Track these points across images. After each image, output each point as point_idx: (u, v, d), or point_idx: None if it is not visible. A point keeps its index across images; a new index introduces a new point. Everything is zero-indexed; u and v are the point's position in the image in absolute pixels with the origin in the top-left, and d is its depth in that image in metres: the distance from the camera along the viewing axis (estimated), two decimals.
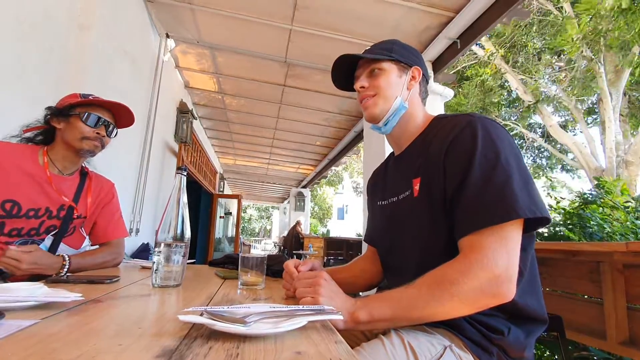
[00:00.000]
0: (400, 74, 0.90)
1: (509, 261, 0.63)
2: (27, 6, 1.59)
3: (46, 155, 1.17)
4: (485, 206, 0.66)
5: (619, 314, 1.48)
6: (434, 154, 0.78)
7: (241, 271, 0.91)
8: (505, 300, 0.63)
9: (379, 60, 0.90)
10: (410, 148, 0.92)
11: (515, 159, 0.70)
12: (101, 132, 1.21)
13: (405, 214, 0.85)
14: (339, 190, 23.15)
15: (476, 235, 0.66)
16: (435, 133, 0.83)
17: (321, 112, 4.82)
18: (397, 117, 0.90)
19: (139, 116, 2.92)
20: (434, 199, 0.75)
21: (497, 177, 0.67)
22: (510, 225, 0.65)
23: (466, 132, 0.74)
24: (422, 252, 0.79)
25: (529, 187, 0.67)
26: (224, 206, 8.18)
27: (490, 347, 0.70)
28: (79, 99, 1.18)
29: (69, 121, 1.17)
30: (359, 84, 0.92)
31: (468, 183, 0.69)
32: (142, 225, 3.06)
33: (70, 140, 1.17)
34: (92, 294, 0.70)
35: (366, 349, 0.69)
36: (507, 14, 2.44)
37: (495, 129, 0.73)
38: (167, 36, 3.20)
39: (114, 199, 1.39)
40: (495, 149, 0.70)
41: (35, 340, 0.41)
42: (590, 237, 2.27)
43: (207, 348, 0.42)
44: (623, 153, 6.97)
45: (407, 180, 0.86)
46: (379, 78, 0.89)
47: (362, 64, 0.93)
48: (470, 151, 0.71)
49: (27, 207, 1.09)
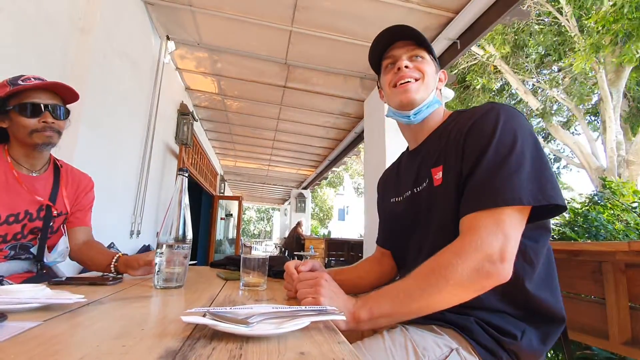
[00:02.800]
0: (436, 70, 0.91)
1: (504, 242, 0.62)
2: (29, 10, 1.60)
3: (8, 155, 1.09)
4: (488, 190, 0.66)
5: (622, 313, 1.48)
6: (454, 139, 0.78)
7: (243, 272, 0.91)
8: (500, 280, 0.62)
9: (422, 48, 0.89)
10: (428, 140, 0.91)
11: (533, 149, 0.69)
12: (47, 119, 1.06)
13: (425, 204, 0.83)
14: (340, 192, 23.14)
15: (473, 218, 0.66)
16: (454, 124, 0.83)
17: (322, 114, 4.82)
18: (430, 110, 0.89)
19: (140, 118, 2.93)
20: (454, 186, 0.74)
21: (509, 164, 0.66)
22: (509, 210, 0.64)
23: (488, 117, 0.73)
24: (438, 243, 0.76)
25: (542, 175, 0.66)
26: (224, 208, 8.18)
27: (500, 352, 0.68)
28: (8, 88, 1.02)
29: (10, 117, 1.05)
30: (402, 62, 0.86)
31: (480, 165, 0.69)
32: (143, 227, 3.06)
33: (20, 137, 1.07)
34: (95, 295, 0.70)
35: (365, 344, 0.68)
36: (507, 15, 2.44)
37: (516, 117, 0.72)
38: (168, 38, 3.21)
39: (90, 192, 1.33)
40: (513, 136, 0.69)
41: (38, 342, 0.41)
42: (595, 238, 2.27)
43: (210, 349, 0.42)
44: (624, 152, 6.96)
45: (425, 171, 0.84)
46: (423, 64, 0.88)
47: (400, 44, 0.90)
48: (489, 135, 0.70)
49: (6, 213, 1.04)
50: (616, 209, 2.45)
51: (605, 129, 6.98)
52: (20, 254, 1.12)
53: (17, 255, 1.11)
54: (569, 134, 8.22)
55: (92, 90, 2.07)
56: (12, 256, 1.10)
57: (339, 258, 7.16)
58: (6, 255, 1.08)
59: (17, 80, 1.05)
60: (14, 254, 1.10)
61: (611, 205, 2.48)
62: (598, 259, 1.60)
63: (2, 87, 1.04)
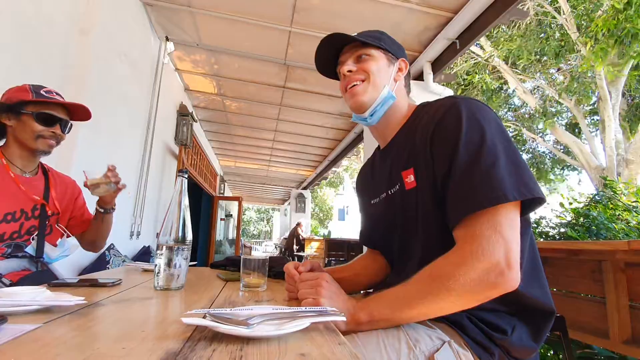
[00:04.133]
0: (389, 63, 0.88)
1: (506, 247, 0.60)
2: (29, 11, 1.60)
3: (3, 156, 1.13)
4: (472, 190, 0.63)
5: (622, 312, 1.48)
6: (420, 141, 0.76)
7: (243, 273, 0.90)
8: (508, 288, 0.60)
9: (368, 46, 0.87)
10: (395, 139, 0.89)
11: (503, 140, 0.67)
12: (57, 130, 1.16)
13: (399, 206, 0.82)
14: (340, 192, 23.13)
15: (468, 224, 0.64)
16: (419, 120, 0.81)
17: (321, 114, 4.82)
18: (385, 108, 0.86)
19: (140, 119, 2.93)
20: (428, 189, 0.73)
21: (483, 160, 0.64)
22: (502, 209, 0.62)
23: (450, 115, 0.71)
24: (422, 245, 0.76)
25: (519, 168, 0.65)
26: (224, 208, 8.18)
27: (492, 347, 0.68)
28: (32, 96, 1.10)
29: (21, 119, 1.11)
30: (345, 67, 0.86)
31: (455, 167, 0.67)
32: (143, 228, 3.06)
33: (24, 139, 1.12)
34: (95, 297, 0.70)
35: (360, 337, 0.68)
36: (506, 15, 2.45)
37: (480, 110, 0.70)
38: (167, 39, 3.21)
39: (79, 196, 1.40)
40: (480, 130, 0.67)
41: (38, 345, 0.41)
42: (596, 238, 2.27)
43: (211, 350, 0.42)
44: (623, 152, 6.97)
45: (396, 174, 0.83)
46: (368, 62, 0.85)
47: (348, 49, 0.89)
48: (455, 134, 0.68)
49: (3, 212, 1.08)
50: (618, 208, 2.45)
51: (605, 128, 6.99)
52: (17, 251, 1.13)
53: (13, 253, 1.12)
54: (568, 134, 8.22)
55: (91, 91, 2.07)
56: (10, 254, 1.11)
57: (339, 258, 7.16)
58: (3, 253, 1.10)
59: (40, 90, 1.12)
60: (10, 251, 1.12)
61: (612, 204, 2.48)
62: (598, 258, 1.60)
63: (23, 91, 1.11)
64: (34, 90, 1.11)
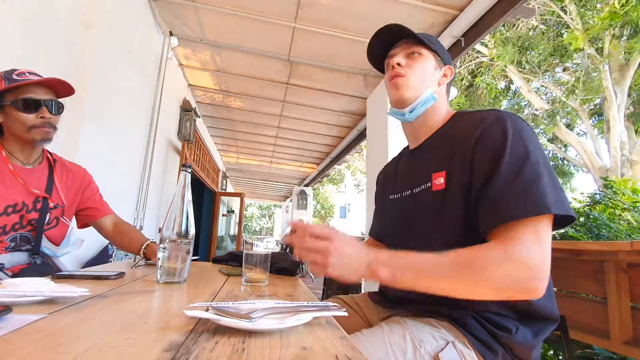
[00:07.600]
0: (437, 66, 0.90)
1: (543, 257, 0.61)
2: (33, 5, 1.60)
3: (3, 149, 1.11)
4: (517, 198, 0.64)
5: (623, 313, 1.47)
6: (460, 147, 0.77)
7: (245, 268, 0.91)
8: (535, 297, 0.62)
9: (422, 45, 0.89)
10: (429, 141, 0.90)
11: (544, 158, 0.69)
12: (45, 114, 1.09)
13: (421, 206, 0.82)
14: (342, 189, 23.13)
15: (510, 227, 0.64)
16: (458, 127, 0.82)
17: (324, 111, 4.81)
18: (425, 107, 0.88)
19: (143, 114, 2.94)
20: (457, 193, 0.74)
21: (526, 173, 0.66)
22: (544, 220, 0.63)
23: (496, 127, 0.72)
24: (442, 245, 0.75)
25: (557, 185, 0.66)
26: (226, 204, 8.20)
27: (496, 346, 0.69)
28: (4, 84, 1.03)
29: (5, 112, 1.06)
30: (396, 59, 0.88)
31: (497, 176, 0.67)
32: (146, 222, 3.07)
33: (17, 133, 1.08)
34: (98, 289, 0.71)
35: (365, 335, 0.68)
36: (511, 12, 2.42)
37: (524, 127, 0.72)
38: (171, 34, 3.21)
39: (90, 184, 1.36)
40: (525, 145, 0.69)
41: (43, 335, 0.42)
42: (596, 238, 2.26)
43: (214, 342, 0.42)
44: (628, 152, 6.92)
45: (425, 174, 0.83)
46: (418, 61, 0.88)
47: (401, 44, 0.91)
48: (500, 146, 0.69)
49: (4, 204, 1.06)
50: (618, 208, 2.44)
51: (609, 128, 6.94)
52: (22, 245, 1.13)
53: (17, 246, 1.12)
54: (572, 134, 8.17)
55: (95, 85, 2.07)
56: (13, 247, 1.11)
57: None
58: (7, 247, 1.09)
59: (11, 74, 1.05)
60: (14, 245, 1.11)
61: (612, 204, 2.46)
62: (600, 258, 1.59)
63: None
64: (5, 77, 1.04)
